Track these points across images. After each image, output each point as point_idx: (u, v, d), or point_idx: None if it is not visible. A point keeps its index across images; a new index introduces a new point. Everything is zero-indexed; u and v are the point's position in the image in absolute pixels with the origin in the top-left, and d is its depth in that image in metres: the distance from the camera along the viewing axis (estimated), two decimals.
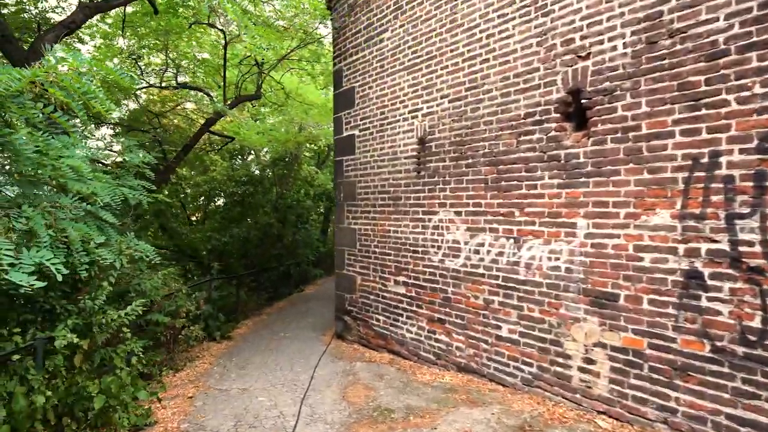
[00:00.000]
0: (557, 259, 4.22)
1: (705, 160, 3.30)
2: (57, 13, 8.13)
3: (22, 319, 4.01)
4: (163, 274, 5.88)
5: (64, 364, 3.99)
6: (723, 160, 3.22)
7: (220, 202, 13.17)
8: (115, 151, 6.45)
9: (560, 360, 4.22)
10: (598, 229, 3.91)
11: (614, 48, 3.78)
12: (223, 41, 8.26)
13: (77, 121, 4.87)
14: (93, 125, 9.05)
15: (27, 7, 7.40)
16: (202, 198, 12.97)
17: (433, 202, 5.53)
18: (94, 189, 4.26)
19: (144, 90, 10.19)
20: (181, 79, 9.16)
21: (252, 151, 14.61)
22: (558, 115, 4.23)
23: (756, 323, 3.06)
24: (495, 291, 4.80)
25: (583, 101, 4.00)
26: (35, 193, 3.95)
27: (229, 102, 8.68)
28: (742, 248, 3.12)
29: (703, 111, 3.30)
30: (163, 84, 8.75)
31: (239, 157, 14.65)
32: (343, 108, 7.15)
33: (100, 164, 8.00)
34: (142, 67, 8.90)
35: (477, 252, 4.98)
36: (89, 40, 8.54)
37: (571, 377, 4.12)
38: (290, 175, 12.50)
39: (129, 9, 7.79)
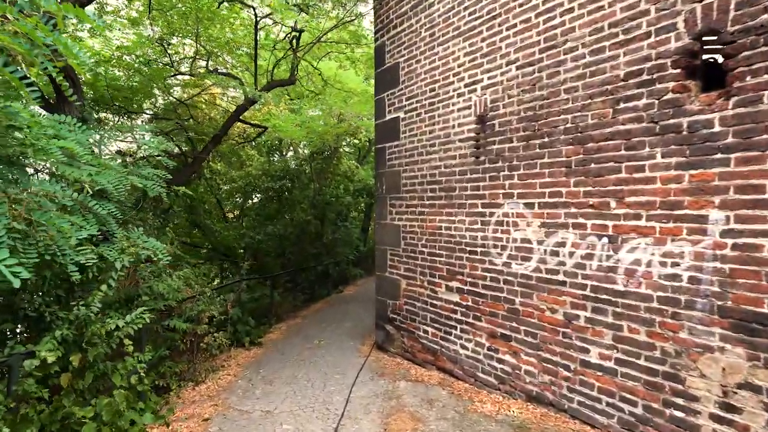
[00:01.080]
0: (676, 264, 3.07)
1: None
2: None
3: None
4: (181, 274, 5.08)
5: (48, 384, 3.20)
6: None
7: (257, 198, 12.50)
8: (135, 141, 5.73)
9: (680, 402, 3.07)
10: (743, 224, 2.74)
11: None
12: (253, 17, 7.47)
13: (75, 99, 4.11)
14: (126, 118, 8.48)
15: None
16: (239, 195, 12.33)
17: (496, 193, 4.46)
18: (94, 175, 3.48)
19: (179, 83, 9.59)
20: (213, 67, 8.46)
21: (291, 146, 13.90)
22: (677, 70, 3.08)
23: None
24: (580, 304, 3.68)
25: (719, 48, 2.83)
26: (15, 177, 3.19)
27: (260, 89, 7.88)
28: None
29: None
30: (193, 72, 8.07)
31: (277, 152, 13.97)
32: (386, 88, 6.17)
33: (124, 156, 7.38)
34: (172, 56, 8.25)
35: (555, 254, 3.88)
36: (116, 27, 7.96)
37: (699, 427, 2.96)
38: (329, 170, 11.67)
39: None
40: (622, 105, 3.40)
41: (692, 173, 3.00)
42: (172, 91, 9.08)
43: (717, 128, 2.88)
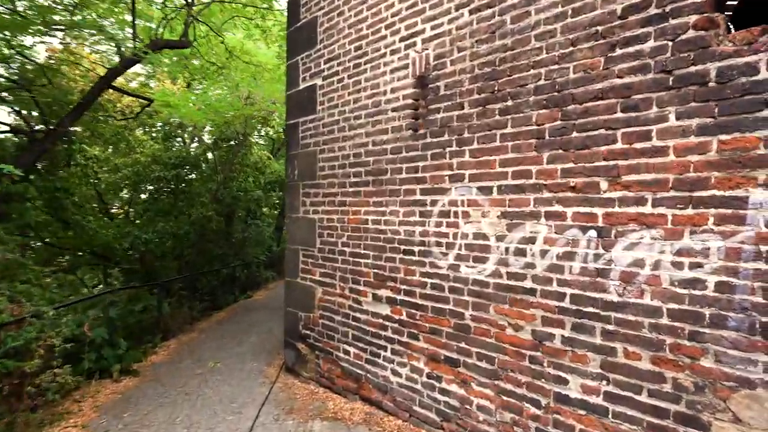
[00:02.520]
0: (697, 266, 2.15)
1: None
2: None
3: None
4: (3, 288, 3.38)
5: None
6: None
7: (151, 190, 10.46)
8: None
9: None
10: None
11: None
12: None
13: None
14: None
15: None
16: (127, 187, 10.22)
17: (440, 175, 3.37)
18: None
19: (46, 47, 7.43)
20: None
21: (195, 134, 11.94)
22: (699, 1, 2.17)
23: None
24: (556, 319, 2.69)
25: None
26: None
27: (144, 47, 6.13)
28: None
29: None
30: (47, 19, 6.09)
31: (177, 139, 11.94)
32: (301, 50, 4.87)
33: None
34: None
35: (521, 253, 2.86)
36: None
37: None
38: (236, 160, 10.00)
39: None
40: (618, 51, 2.44)
41: (723, 139, 2.10)
42: (28, 53, 6.96)
43: (763, 74, 1.99)
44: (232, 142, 10.67)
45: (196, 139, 12.52)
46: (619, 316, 2.46)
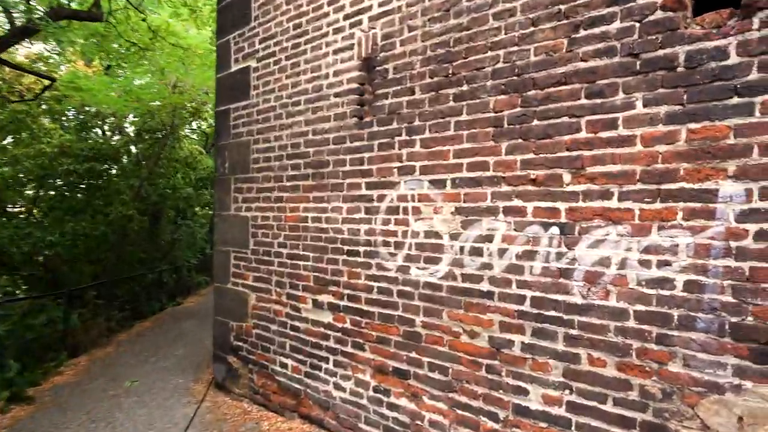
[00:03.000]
0: (665, 264, 2.03)
1: None
2: None
3: None
4: None
5: None
6: None
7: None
8: None
9: None
10: None
11: None
12: None
13: None
14: None
15: None
16: (30, 180, 9.09)
17: (388, 167, 3.10)
18: None
19: None
20: None
21: (115, 122, 10.89)
22: None
23: None
24: (515, 324, 2.50)
25: None
26: None
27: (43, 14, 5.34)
28: None
29: None
30: None
31: (95, 130, 10.83)
32: (232, 28, 4.43)
33: None
34: None
35: (477, 252, 2.65)
36: None
37: None
38: (163, 154, 9.18)
39: None
40: (582, 32, 2.29)
41: (692, 128, 1.98)
42: None
43: (734, 59, 1.88)
44: (159, 135, 9.81)
45: (118, 130, 11.45)
46: (583, 320, 2.30)
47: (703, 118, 1.99)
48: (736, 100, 1.92)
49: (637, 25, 2.16)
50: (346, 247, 3.42)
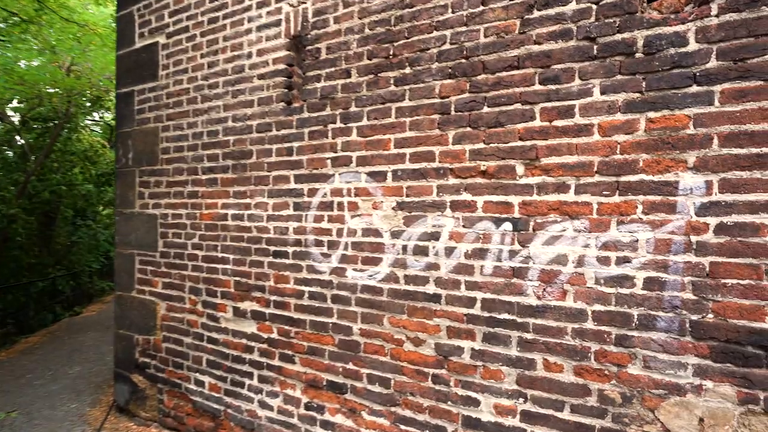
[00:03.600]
0: (625, 261, 1.84)
1: None
2: None
3: None
4: None
5: None
6: None
7: None
8: None
9: None
10: (735, 194, 1.64)
11: None
12: None
13: None
14: None
15: None
16: None
17: (320, 158, 2.68)
18: None
19: None
20: None
21: None
22: None
23: None
24: (465, 330, 2.20)
25: None
26: None
27: None
28: None
29: None
30: None
31: None
32: None
33: None
34: None
35: (422, 252, 2.32)
36: None
37: None
38: (55, 146, 7.83)
39: None
40: (536, 13, 2.04)
41: (652, 117, 1.81)
42: None
43: (692, 46, 1.73)
44: (51, 124, 8.40)
45: None
46: (539, 323, 2.06)
47: (663, 106, 1.82)
48: (695, 88, 1.77)
49: (594, 7, 1.95)
50: (272, 248, 2.93)
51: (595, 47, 1.96)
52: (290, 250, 2.87)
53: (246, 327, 3.09)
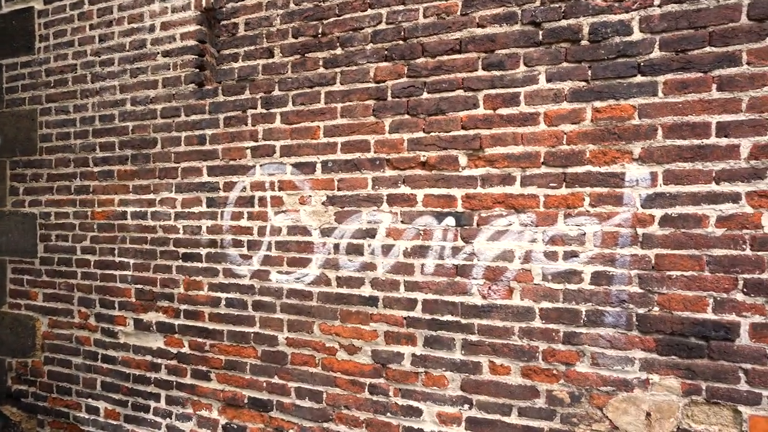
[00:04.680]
0: (572, 255, 1.52)
1: None
2: None
3: None
4: None
5: None
6: None
7: None
8: None
9: None
10: (678, 185, 1.40)
11: None
12: None
13: None
14: None
15: None
16: None
17: (238, 148, 2.04)
18: None
19: None
20: None
21: None
22: None
23: None
24: (404, 334, 1.75)
25: None
26: None
27: None
28: None
29: None
30: None
31: None
32: None
33: None
34: None
35: (356, 251, 1.82)
36: None
37: None
38: None
39: None
40: None
41: (598, 106, 1.51)
42: None
43: (636, 35, 1.45)
44: None
45: None
46: (484, 323, 1.67)
47: (608, 96, 1.53)
48: (639, 78, 1.50)
49: None
50: (181, 250, 2.21)
51: (541, 33, 1.62)
52: (203, 252, 2.18)
53: (151, 342, 2.32)
